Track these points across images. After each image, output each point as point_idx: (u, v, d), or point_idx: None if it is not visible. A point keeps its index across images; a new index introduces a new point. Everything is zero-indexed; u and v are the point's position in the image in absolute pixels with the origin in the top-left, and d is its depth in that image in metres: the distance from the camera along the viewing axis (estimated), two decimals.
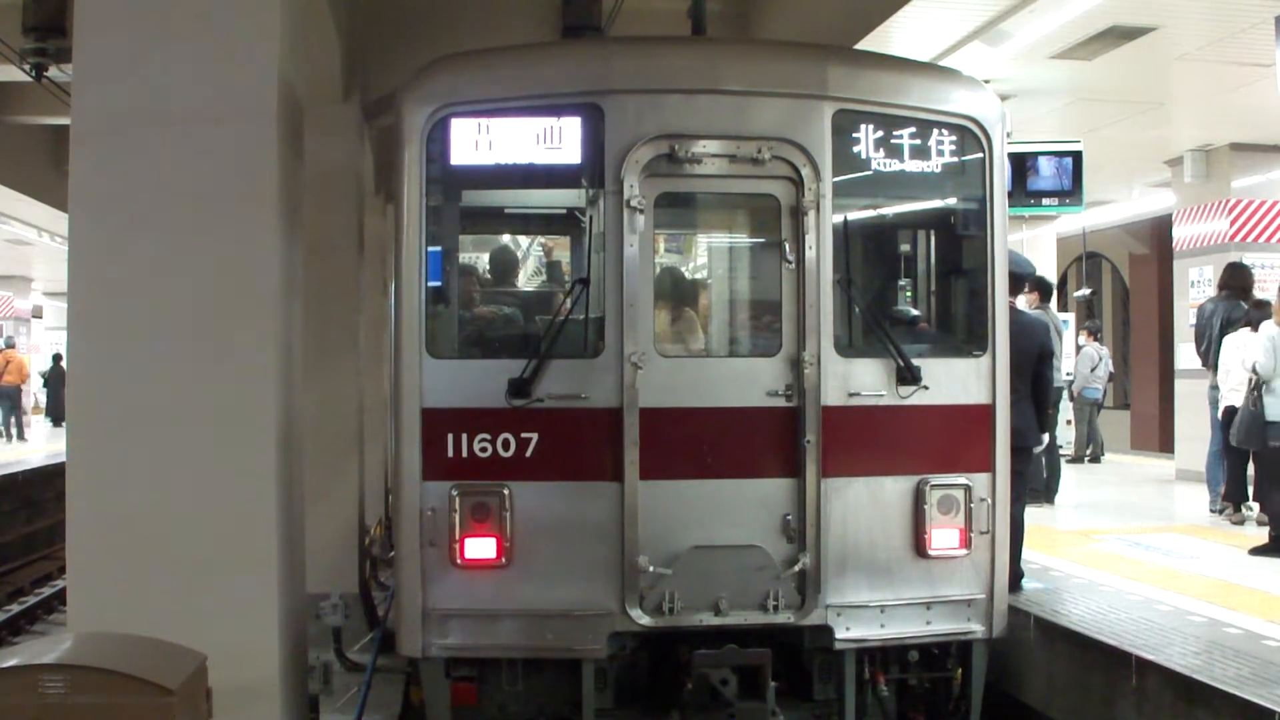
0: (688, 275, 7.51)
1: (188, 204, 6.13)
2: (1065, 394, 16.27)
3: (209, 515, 6.03)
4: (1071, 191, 13.52)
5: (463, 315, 6.61)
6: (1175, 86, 12.87)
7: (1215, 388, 11.20)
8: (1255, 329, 10.14)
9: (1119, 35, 10.59)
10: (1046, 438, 8.45)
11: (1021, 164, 13.18)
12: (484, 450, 6.06)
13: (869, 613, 6.23)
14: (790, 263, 6.21)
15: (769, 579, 6.12)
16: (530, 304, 7.22)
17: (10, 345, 29.41)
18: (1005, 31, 10.45)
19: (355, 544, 11.10)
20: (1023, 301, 9.30)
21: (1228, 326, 11.09)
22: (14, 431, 26.57)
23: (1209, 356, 11.44)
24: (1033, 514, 9.58)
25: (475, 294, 7.02)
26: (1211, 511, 11.49)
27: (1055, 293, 14.11)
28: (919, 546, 6.28)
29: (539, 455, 6.05)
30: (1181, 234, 15.98)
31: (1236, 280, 11.56)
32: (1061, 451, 15.01)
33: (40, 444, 24.62)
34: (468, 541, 6.03)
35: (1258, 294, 11.70)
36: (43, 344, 37.31)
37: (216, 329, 6.13)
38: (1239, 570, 8.71)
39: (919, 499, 6.28)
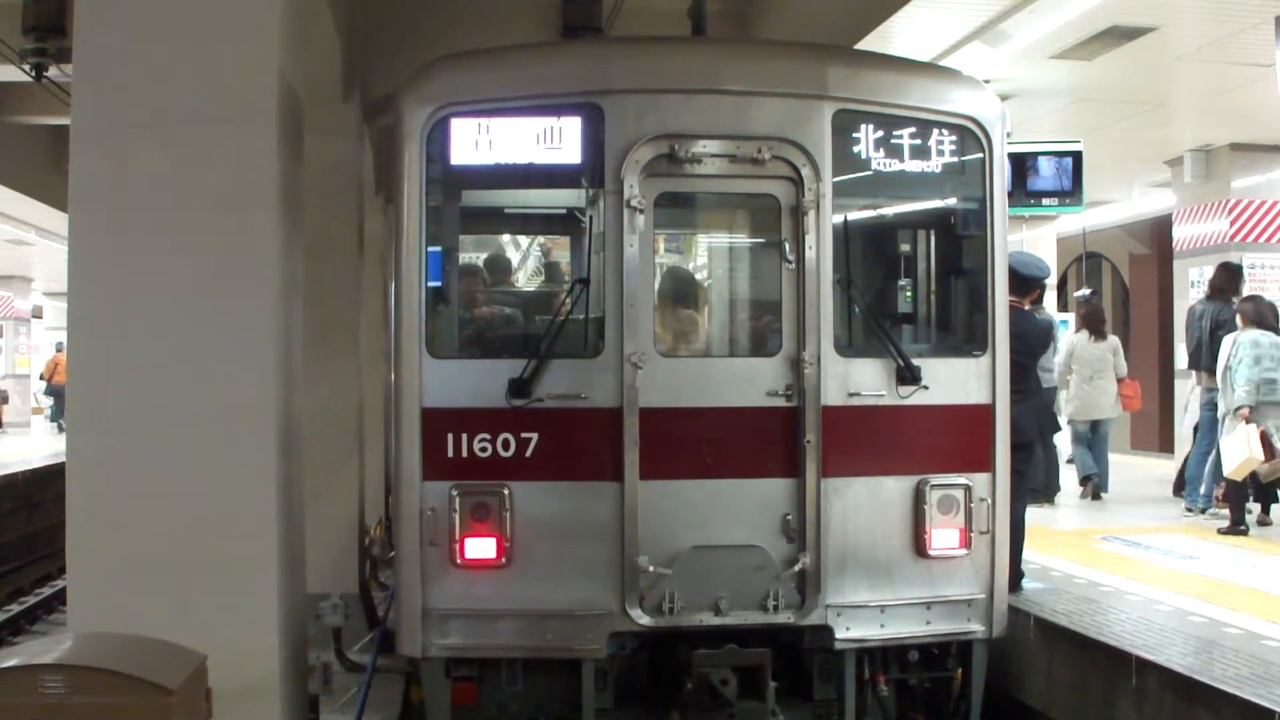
0: (692, 276, 7.50)
1: (187, 204, 6.12)
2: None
3: (209, 515, 6.02)
4: (1071, 191, 13.49)
5: (463, 315, 6.61)
6: (1175, 86, 12.85)
7: (1211, 389, 11.20)
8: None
9: (1119, 35, 10.58)
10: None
11: (1021, 164, 13.15)
12: (484, 450, 6.05)
13: (869, 613, 6.23)
14: (790, 263, 6.21)
15: (769, 579, 6.11)
16: (530, 304, 7.22)
17: (60, 349, 29.89)
18: (1005, 31, 10.44)
19: (355, 544, 11.09)
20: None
21: (1218, 328, 11.10)
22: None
23: (1198, 358, 11.44)
24: (1033, 514, 9.57)
25: (477, 294, 7.02)
26: (1187, 510, 11.50)
27: (1050, 292, 14.09)
28: (919, 546, 6.28)
29: (539, 455, 6.05)
30: (1181, 234, 15.97)
31: (1229, 283, 11.58)
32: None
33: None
34: (468, 541, 6.03)
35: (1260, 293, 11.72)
36: (42, 344, 37.32)
37: (217, 329, 6.12)
38: (1239, 570, 8.71)
39: (919, 499, 6.28)
